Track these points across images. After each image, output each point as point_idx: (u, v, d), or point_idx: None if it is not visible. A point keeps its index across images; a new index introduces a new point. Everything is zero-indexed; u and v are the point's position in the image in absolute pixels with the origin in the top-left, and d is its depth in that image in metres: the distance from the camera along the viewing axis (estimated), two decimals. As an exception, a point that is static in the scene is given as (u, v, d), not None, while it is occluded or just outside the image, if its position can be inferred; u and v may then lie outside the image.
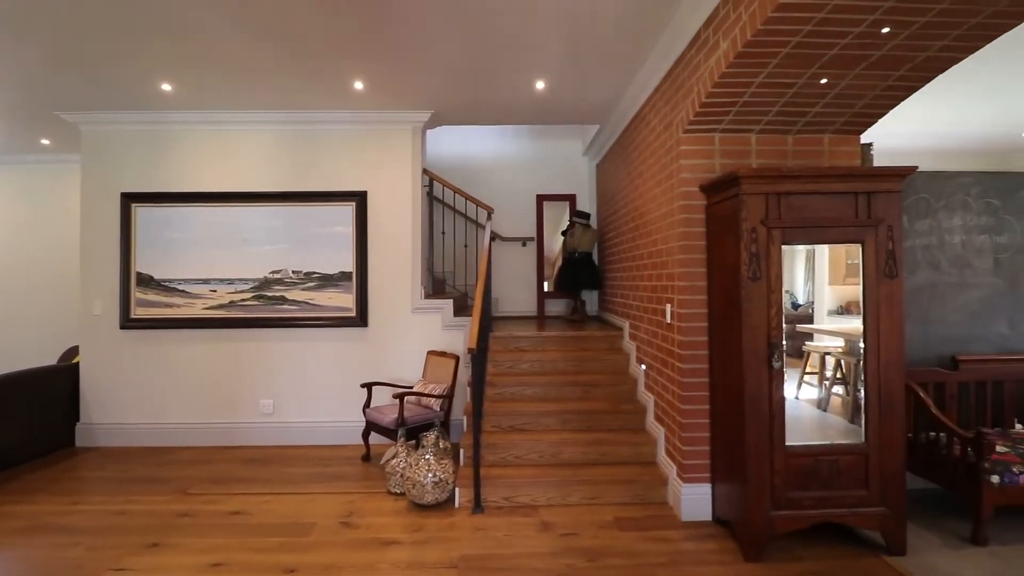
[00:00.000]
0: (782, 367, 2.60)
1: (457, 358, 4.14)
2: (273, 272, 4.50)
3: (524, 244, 5.89)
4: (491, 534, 2.86)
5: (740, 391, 2.61)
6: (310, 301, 4.48)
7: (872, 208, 2.58)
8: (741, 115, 2.79)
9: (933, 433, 2.96)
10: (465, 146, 5.89)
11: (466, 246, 5.54)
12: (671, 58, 3.09)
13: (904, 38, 2.16)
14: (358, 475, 3.75)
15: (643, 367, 3.84)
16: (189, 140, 4.51)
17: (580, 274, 5.17)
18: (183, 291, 4.48)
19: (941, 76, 2.47)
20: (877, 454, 2.60)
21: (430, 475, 3.16)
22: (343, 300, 4.48)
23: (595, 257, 5.52)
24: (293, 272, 4.50)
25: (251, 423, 4.46)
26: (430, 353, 4.37)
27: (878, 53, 2.27)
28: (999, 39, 2.17)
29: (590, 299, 5.78)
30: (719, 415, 2.89)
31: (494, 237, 5.79)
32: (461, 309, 4.95)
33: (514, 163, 5.90)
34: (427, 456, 3.25)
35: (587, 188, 5.86)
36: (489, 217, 4.67)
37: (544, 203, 5.89)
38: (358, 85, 3.84)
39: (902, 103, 2.71)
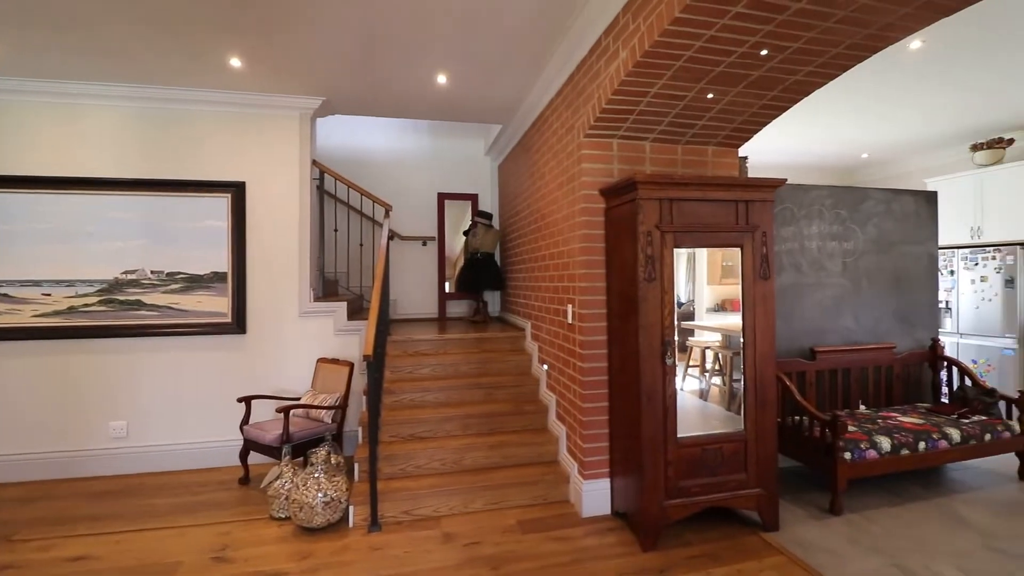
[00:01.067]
0: (675, 363, 2.74)
1: (351, 365, 3.87)
2: (126, 272, 3.86)
3: (424, 244, 5.71)
4: (390, 552, 2.68)
5: (637, 387, 2.71)
6: (174, 306, 3.91)
7: (749, 215, 2.81)
8: (638, 123, 2.90)
9: (797, 417, 3.31)
10: (362, 139, 5.56)
11: (361, 245, 5.22)
12: (573, 63, 3.13)
13: (778, 61, 2.37)
14: (235, 501, 3.34)
15: (545, 367, 3.87)
16: (23, 113, 3.71)
17: (482, 275, 5.11)
18: (5, 295, 3.68)
19: (804, 100, 2.77)
20: (754, 440, 2.84)
21: (320, 495, 2.89)
22: (216, 304, 3.97)
23: (497, 258, 5.50)
24: (152, 272, 3.89)
25: (99, 450, 3.79)
26: (320, 361, 4.04)
27: (757, 73, 2.47)
28: (846, 74, 2.46)
29: (492, 300, 5.75)
30: (617, 411, 2.98)
31: (392, 236, 5.53)
32: (356, 312, 4.65)
33: (415, 160, 5.69)
34: (317, 474, 2.97)
35: (489, 188, 5.83)
36: (387, 215, 4.43)
37: (445, 202, 5.75)
38: (235, 63, 3.42)
39: (773, 121, 3.00)
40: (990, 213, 4.50)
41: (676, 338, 2.75)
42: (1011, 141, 4.49)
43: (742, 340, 2.84)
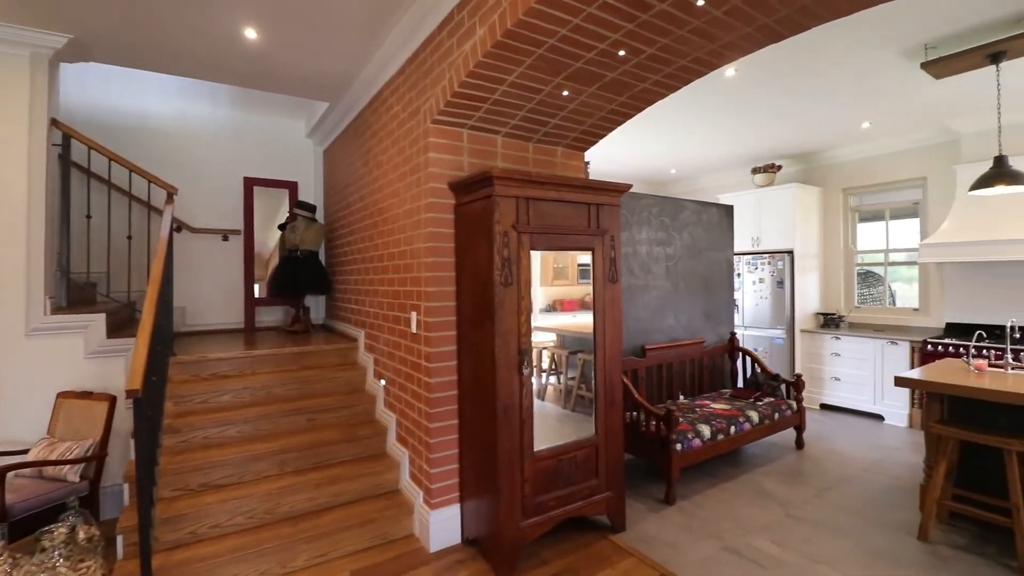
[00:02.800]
0: (531, 373, 2.56)
1: (113, 399, 2.88)
2: None
3: (226, 238, 4.69)
4: (175, 657, 1.97)
5: (492, 401, 2.47)
6: None
7: (600, 219, 2.78)
8: (491, 114, 2.66)
9: (634, 413, 3.45)
10: (137, 100, 4.31)
11: (131, 238, 3.98)
12: (419, 36, 2.75)
13: (632, 65, 2.34)
14: None
15: (383, 382, 3.40)
16: None
17: (304, 276, 4.38)
18: None
19: (638, 116, 2.84)
20: (605, 443, 2.82)
21: (58, 595, 2.00)
22: None
23: (322, 257, 4.79)
24: None
25: None
26: (64, 396, 2.93)
27: (611, 75, 2.42)
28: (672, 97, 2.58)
29: (316, 306, 5.00)
30: (468, 429, 2.70)
31: (179, 227, 4.42)
32: (123, 326, 3.55)
33: (215, 134, 4.63)
34: (53, 561, 2.06)
35: (312, 175, 5.06)
36: (170, 200, 3.44)
37: (255, 189, 4.81)
38: None
39: (616, 130, 3.04)
40: (766, 225, 5.44)
41: (532, 346, 2.58)
42: (779, 167, 5.49)
43: (593, 342, 2.81)
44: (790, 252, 5.25)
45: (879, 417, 4.77)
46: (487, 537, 2.56)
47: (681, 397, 4.13)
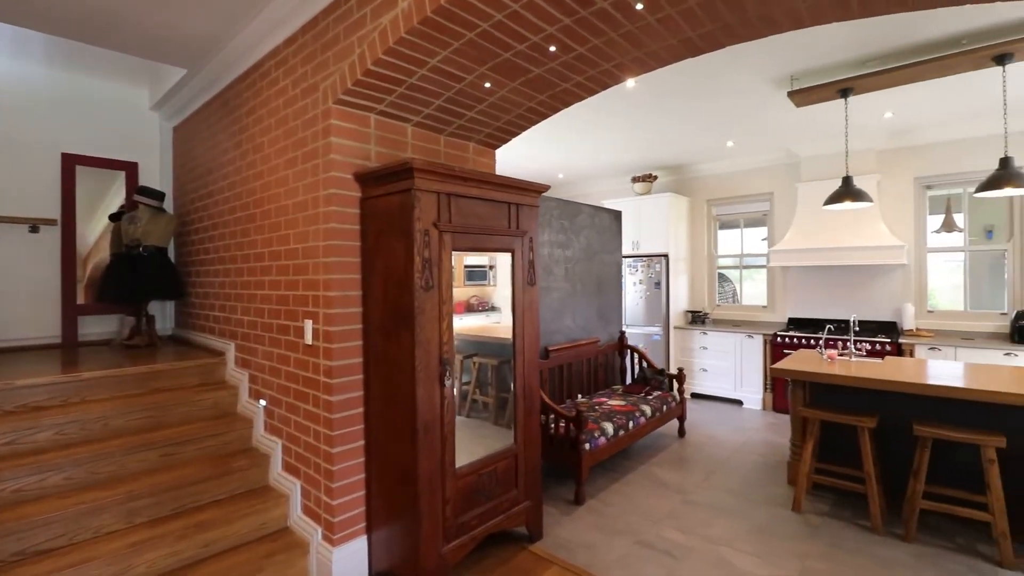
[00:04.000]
0: (453, 384, 2.37)
1: None
2: None
3: (35, 229, 3.67)
4: None
5: (411, 418, 2.22)
6: None
7: (520, 219, 2.68)
8: (405, 100, 2.40)
9: (543, 416, 3.41)
10: None
11: None
12: (319, 2, 2.38)
13: (559, 63, 2.27)
14: None
15: (262, 403, 2.92)
16: None
17: (148, 277, 3.60)
18: None
19: (548, 121, 2.81)
20: (524, 452, 2.73)
21: None
22: None
23: (171, 254, 4.01)
24: None
25: None
26: None
27: (537, 71, 2.32)
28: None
29: (162, 313, 4.17)
30: (378, 450, 2.41)
31: (-39, 213, 3.35)
32: None
33: (23, 97, 3.58)
34: None
35: (158, 156, 4.19)
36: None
37: (78, 168, 3.84)
38: None
39: (529, 129, 2.97)
40: (644, 231, 5.85)
41: (454, 355, 2.38)
42: (656, 177, 5.94)
43: (512, 348, 2.69)
44: (665, 256, 5.72)
45: (739, 402, 5.41)
46: (403, 567, 2.30)
47: (579, 396, 4.23)
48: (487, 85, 2.41)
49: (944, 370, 3.03)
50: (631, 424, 3.72)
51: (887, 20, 2.73)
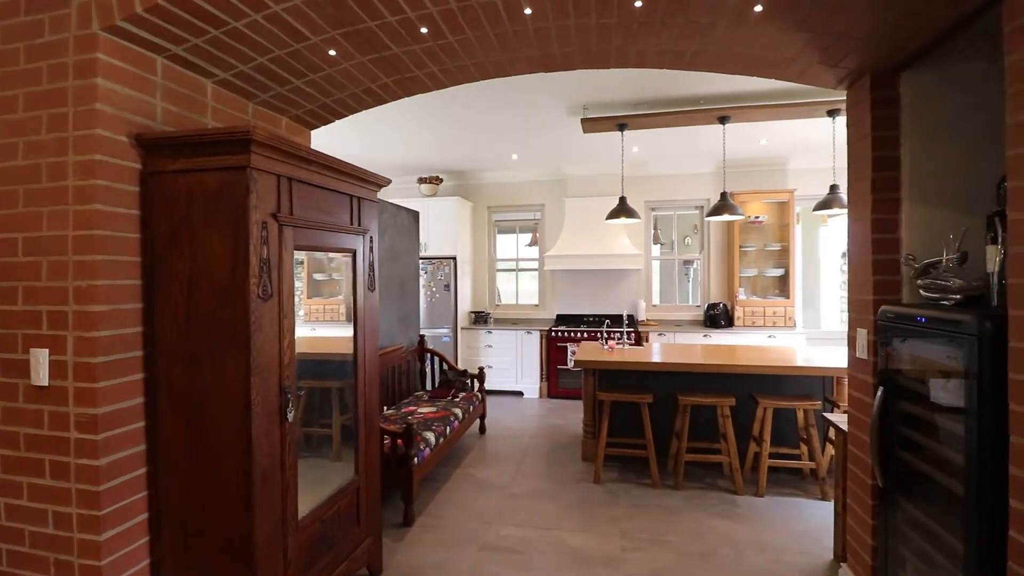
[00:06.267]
0: (296, 417, 1.91)
1: None
2: None
3: None
4: None
5: (244, 468, 1.71)
6: None
7: (362, 215, 2.34)
8: (216, 46, 1.81)
9: (364, 439, 3.07)
10: None
11: None
12: None
13: (421, 48, 2.06)
14: None
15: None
16: None
17: None
18: None
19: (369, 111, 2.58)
20: (366, 482, 2.40)
21: None
22: None
23: None
24: None
25: None
26: None
27: (396, 50, 2.06)
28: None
29: None
30: (180, 523, 1.77)
31: None
32: None
33: None
34: None
35: None
36: None
37: None
38: None
39: (350, 118, 2.63)
40: (434, 233, 5.81)
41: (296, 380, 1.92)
42: (442, 180, 5.97)
43: (353, 363, 2.34)
44: (454, 258, 5.84)
45: (520, 393, 5.93)
46: (231, 669, 1.75)
47: (386, 408, 3.96)
48: (332, 52, 2.02)
49: (690, 352, 3.95)
50: (448, 430, 3.67)
51: (656, 75, 3.38)
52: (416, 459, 3.09)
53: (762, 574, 2.47)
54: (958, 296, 1.64)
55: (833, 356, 3.65)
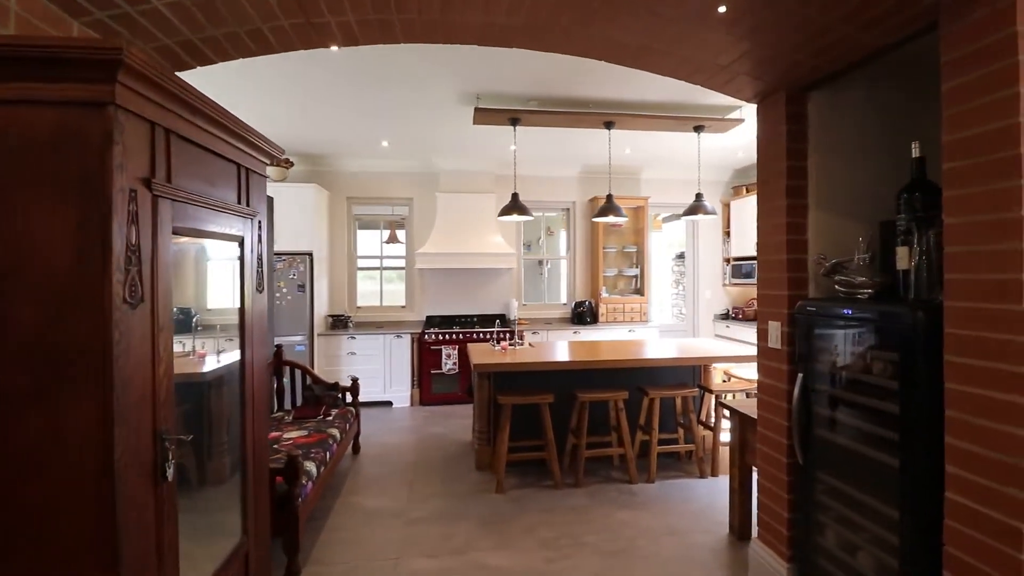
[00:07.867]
0: (175, 478, 1.34)
1: None
2: None
3: None
4: None
5: (108, 563, 1.12)
6: None
7: (251, 193, 1.78)
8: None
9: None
10: None
11: None
12: None
13: (350, -21, 1.64)
14: None
15: None
16: None
17: None
18: None
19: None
20: (255, 542, 1.84)
21: None
22: None
23: None
24: None
25: None
26: None
27: (312, -24, 1.60)
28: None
29: None
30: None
31: None
32: None
33: None
34: None
35: None
36: None
37: None
38: None
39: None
40: (286, 225, 4.88)
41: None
42: (292, 163, 5.08)
43: (240, 387, 1.77)
44: (310, 254, 5.06)
45: (389, 403, 5.41)
46: None
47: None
48: (222, -34, 1.47)
49: (582, 349, 3.99)
50: (328, 455, 3.11)
51: (551, 73, 3.32)
52: (300, 498, 2.53)
53: (679, 561, 2.57)
54: (870, 291, 1.87)
55: (691, 346, 4.08)
